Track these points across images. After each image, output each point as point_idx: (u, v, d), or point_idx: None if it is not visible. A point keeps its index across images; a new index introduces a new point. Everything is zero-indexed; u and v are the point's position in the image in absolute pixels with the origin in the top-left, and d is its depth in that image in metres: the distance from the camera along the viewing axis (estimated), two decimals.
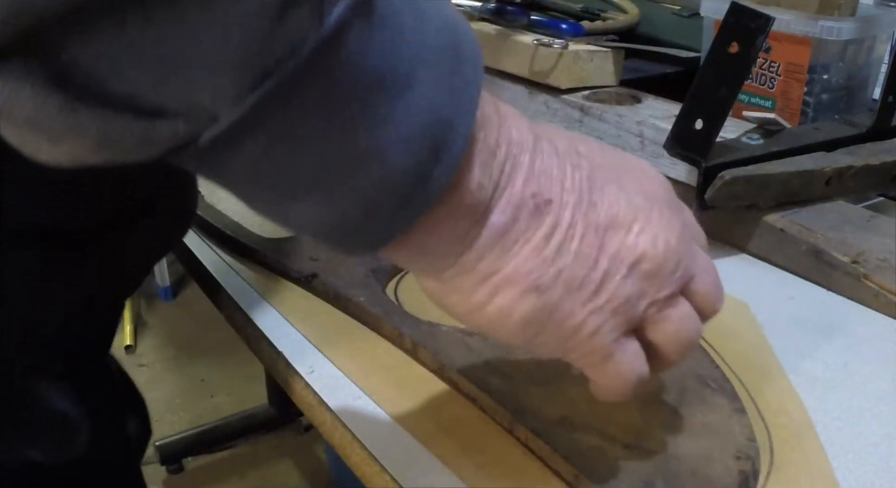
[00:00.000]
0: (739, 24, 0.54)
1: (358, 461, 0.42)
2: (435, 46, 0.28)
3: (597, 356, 0.33)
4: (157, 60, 0.22)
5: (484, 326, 0.33)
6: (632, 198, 0.33)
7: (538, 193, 0.31)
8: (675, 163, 0.65)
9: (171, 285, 2.27)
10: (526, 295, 0.31)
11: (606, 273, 0.32)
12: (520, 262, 0.31)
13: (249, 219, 0.66)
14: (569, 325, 0.32)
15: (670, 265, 0.33)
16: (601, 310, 0.32)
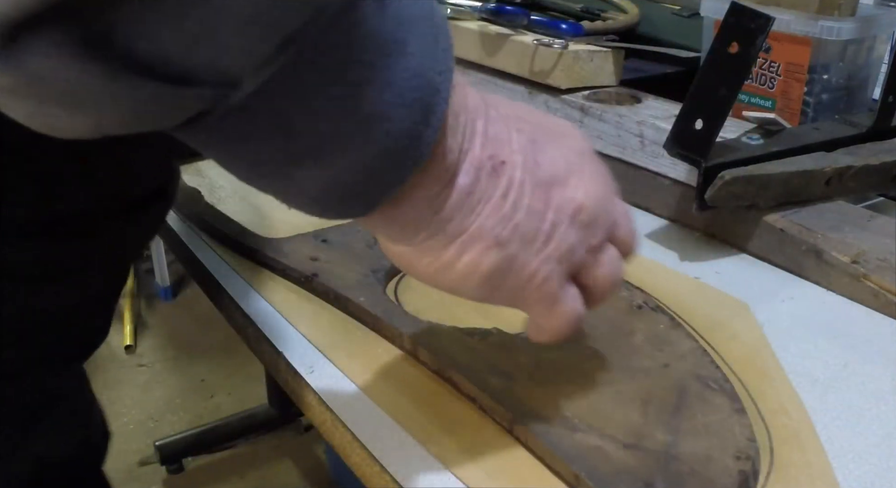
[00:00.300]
0: (739, 24, 0.54)
1: (358, 461, 0.42)
2: (419, 14, 0.29)
3: (547, 301, 0.37)
4: (191, 25, 0.23)
5: (451, 283, 0.35)
6: (567, 156, 0.37)
7: (494, 156, 0.34)
8: (675, 163, 0.65)
9: (171, 285, 2.27)
10: (489, 250, 0.34)
11: (553, 225, 0.35)
12: (483, 221, 0.34)
13: (249, 219, 0.66)
14: (525, 275, 0.35)
15: (602, 214, 0.38)
16: (550, 258, 0.36)
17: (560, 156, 0.36)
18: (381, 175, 0.30)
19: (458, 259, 0.34)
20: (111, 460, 0.59)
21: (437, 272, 0.35)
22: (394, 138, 0.29)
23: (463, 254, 0.34)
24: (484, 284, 0.35)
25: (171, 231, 0.67)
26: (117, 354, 2.05)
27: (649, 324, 0.50)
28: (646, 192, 0.70)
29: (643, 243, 0.64)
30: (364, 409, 0.45)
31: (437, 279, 0.36)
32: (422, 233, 0.34)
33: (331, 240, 0.60)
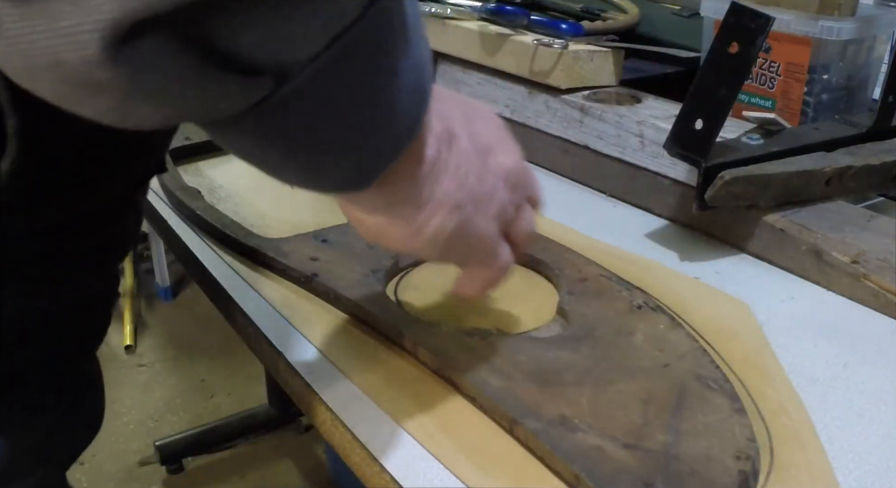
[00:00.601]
0: (739, 24, 0.54)
1: (358, 461, 0.42)
2: (413, 7, 0.33)
3: (489, 255, 0.42)
4: (269, 26, 0.25)
5: (419, 246, 0.40)
6: (491, 129, 0.42)
7: (447, 129, 0.39)
8: (675, 163, 0.66)
9: (171, 285, 2.27)
10: (452, 213, 0.39)
11: (493, 187, 0.41)
12: (444, 188, 0.38)
13: (249, 220, 0.66)
14: (477, 234, 0.41)
15: (523, 176, 0.44)
16: (492, 216, 0.41)
17: (488, 129, 0.42)
18: (387, 153, 0.34)
19: (428, 224, 0.38)
20: (111, 460, 0.59)
21: (409, 237, 0.39)
22: (402, 122, 0.34)
23: (431, 219, 0.38)
24: (446, 245, 0.40)
25: (171, 231, 0.67)
26: (117, 354, 2.05)
27: (649, 324, 0.50)
28: (646, 192, 0.70)
29: (643, 243, 0.64)
30: (364, 409, 0.45)
31: (409, 243, 0.40)
32: (400, 201, 0.38)
33: (331, 240, 0.60)
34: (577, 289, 0.54)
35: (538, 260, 0.58)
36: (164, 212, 0.69)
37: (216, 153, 0.81)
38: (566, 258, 0.58)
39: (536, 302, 0.55)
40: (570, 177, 0.77)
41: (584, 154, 0.75)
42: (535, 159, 0.81)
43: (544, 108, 0.78)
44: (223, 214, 0.66)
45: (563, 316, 0.52)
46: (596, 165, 0.74)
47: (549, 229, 0.63)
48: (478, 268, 0.43)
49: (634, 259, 0.60)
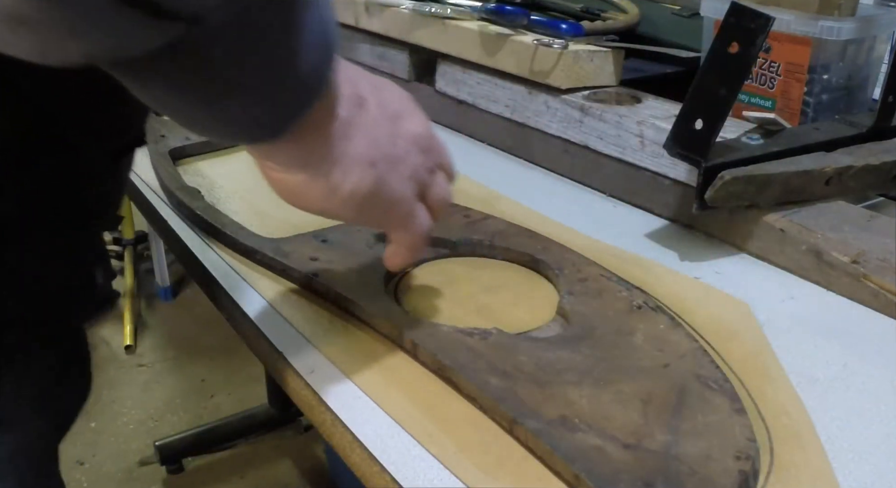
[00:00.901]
0: (739, 24, 0.54)
1: (358, 461, 0.42)
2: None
3: (407, 217, 0.45)
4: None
5: (337, 205, 0.42)
6: (399, 99, 0.45)
7: (357, 93, 0.42)
8: (675, 163, 0.66)
9: (171, 285, 2.27)
10: (367, 170, 0.42)
11: (405, 149, 0.44)
12: (358, 146, 0.41)
13: (249, 220, 0.66)
14: (391, 193, 0.43)
15: (433, 142, 0.46)
16: (406, 178, 0.44)
17: (395, 98, 0.45)
18: (295, 104, 0.37)
19: (345, 180, 0.41)
20: (111, 460, 0.59)
21: (324, 197, 0.41)
22: (308, 73, 0.36)
23: (348, 176, 0.41)
24: (363, 204, 0.42)
25: (171, 231, 0.67)
26: (117, 354, 2.05)
27: (649, 324, 0.50)
28: (646, 192, 0.70)
29: (643, 243, 0.64)
30: (364, 409, 0.45)
31: (324, 203, 0.42)
32: (316, 157, 0.40)
33: (331, 240, 0.60)
34: (577, 289, 0.54)
35: (538, 260, 0.58)
36: (164, 212, 0.69)
37: (216, 153, 0.81)
38: (566, 258, 0.58)
39: (536, 302, 0.55)
40: (570, 177, 0.77)
41: (584, 154, 0.75)
42: (535, 159, 0.81)
43: (544, 108, 0.78)
44: (223, 214, 0.66)
45: (563, 316, 0.52)
46: (596, 165, 0.74)
47: (550, 229, 0.63)
48: (398, 232, 0.46)
49: (634, 259, 0.60)
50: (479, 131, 0.88)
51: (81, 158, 0.45)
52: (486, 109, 0.86)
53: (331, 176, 0.41)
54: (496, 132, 0.85)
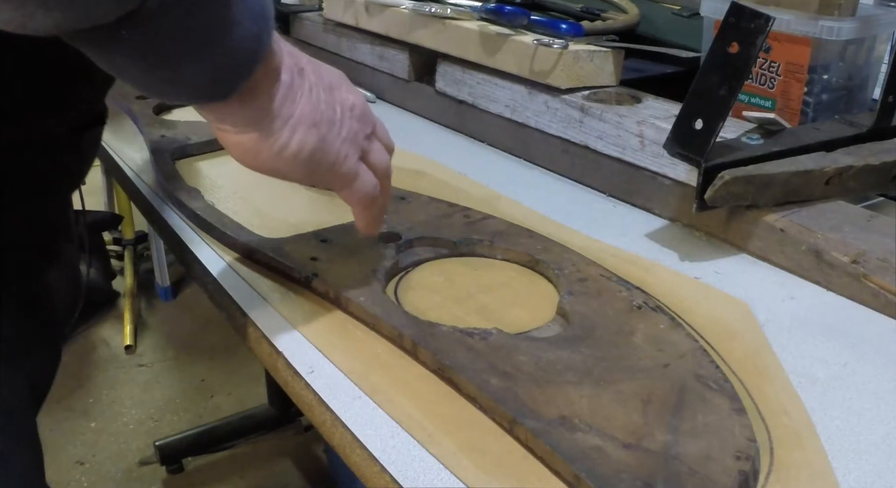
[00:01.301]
0: (739, 24, 0.54)
1: (358, 461, 0.42)
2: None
3: (350, 176, 0.50)
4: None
5: (286, 162, 0.47)
6: (333, 74, 0.51)
7: (297, 63, 0.47)
8: (675, 163, 0.66)
9: (171, 285, 2.27)
10: (310, 130, 0.47)
11: (342, 114, 0.49)
12: (302, 107, 0.46)
13: (249, 219, 0.66)
14: (334, 152, 0.48)
15: (367, 112, 0.52)
16: (345, 140, 0.49)
17: (331, 72, 0.51)
18: (238, 67, 0.42)
19: (291, 138, 0.46)
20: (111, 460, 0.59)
21: (277, 154, 0.46)
22: (248, 38, 0.41)
23: (294, 134, 0.46)
24: (309, 162, 0.47)
25: (171, 231, 0.67)
26: (117, 354, 2.05)
27: (649, 324, 0.50)
28: (646, 192, 0.70)
29: (643, 243, 0.64)
30: (364, 409, 0.45)
31: (273, 161, 0.47)
32: (264, 117, 0.45)
33: (331, 240, 0.60)
34: (577, 289, 0.54)
35: (538, 260, 0.58)
36: (164, 212, 0.69)
37: (216, 153, 0.81)
38: (566, 258, 0.58)
39: (536, 302, 0.55)
40: (570, 177, 0.77)
41: (584, 154, 0.75)
42: (535, 159, 0.81)
43: (544, 107, 0.78)
44: (223, 214, 0.66)
45: (563, 316, 0.52)
46: (596, 165, 0.74)
47: (550, 229, 0.63)
48: (347, 191, 0.51)
49: (634, 259, 0.60)
50: (479, 131, 0.88)
51: (34, 130, 0.50)
52: (486, 109, 0.86)
53: (280, 134, 0.46)
54: (496, 132, 0.85)
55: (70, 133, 0.54)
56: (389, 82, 1.00)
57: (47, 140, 0.52)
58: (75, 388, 1.90)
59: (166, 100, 0.47)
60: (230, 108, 0.44)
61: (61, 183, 0.56)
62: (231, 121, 0.45)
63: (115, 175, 0.82)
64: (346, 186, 0.51)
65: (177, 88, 0.41)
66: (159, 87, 0.41)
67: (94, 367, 2.01)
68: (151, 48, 0.38)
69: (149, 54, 0.38)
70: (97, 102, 0.58)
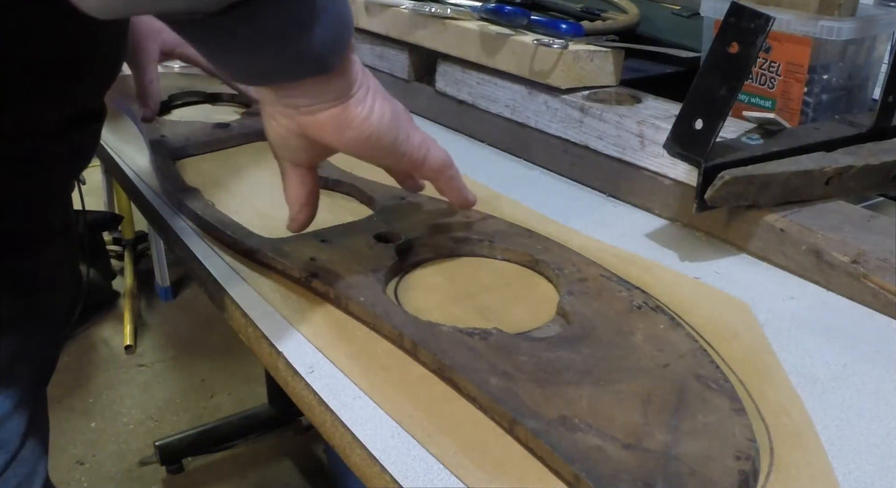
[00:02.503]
0: (739, 24, 0.54)
1: (358, 461, 0.42)
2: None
3: (425, 145, 0.54)
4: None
5: (374, 129, 0.50)
6: None
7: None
8: (675, 163, 0.66)
9: (171, 285, 2.28)
10: (385, 101, 0.51)
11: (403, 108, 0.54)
12: (372, 80, 0.51)
13: (249, 219, 0.66)
14: (406, 121, 0.53)
15: None
16: (405, 116, 0.54)
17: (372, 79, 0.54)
18: (346, 31, 0.47)
19: (374, 105, 0.50)
20: (111, 460, 0.60)
21: (364, 120, 0.49)
22: (342, 12, 0.46)
23: (374, 101, 0.50)
24: (391, 128, 0.51)
25: (171, 231, 0.67)
26: (117, 354, 2.05)
27: (649, 324, 0.50)
28: (646, 192, 0.70)
29: (643, 243, 0.64)
30: (364, 409, 0.45)
31: (365, 128, 0.50)
32: (352, 85, 0.49)
33: (331, 239, 0.60)
34: (577, 289, 0.54)
35: (538, 260, 0.58)
36: (164, 212, 0.69)
37: (216, 153, 0.81)
38: (566, 258, 0.58)
39: (536, 302, 0.55)
40: (570, 177, 0.77)
41: (584, 154, 0.75)
42: (535, 159, 0.81)
43: (544, 107, 0.78)
44: (223, 214, 0.66)
45: (563, 316, 0.52)
46: (596, 165, 0.74)
47: (550, 229, 0.63)
48: (429, 163, 0.54)
49: (634, 259, 0.60)
50: (479, 131, 0.88)
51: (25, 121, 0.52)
52: (486, 109, 0.86)
53: (365, 101, 0.49)
54: (496, 132, 0.85)
55: (63, 127, 0.55)
56: (389, 82, 1.00)
57: (38, 132, 0.53)
58: (75, 388, 1.90)
59: (278, 80, 0.48)
60: (333, 79, 0.48)
61: (52, 175, 0.57)
62: (326, 95, 0.48)
63: (115, 175, 0.82)
64: (424, 156, 0.54)
65: (300, 63, 0.45)
66: (283, 66, 0.45)
67: (94, 367, 2.01)
68: (276, 23, 0.42)
69: (274, 30, 0.42)
70: (93, 100, 0.58)
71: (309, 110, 0.49)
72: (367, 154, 0.53)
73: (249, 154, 0.82)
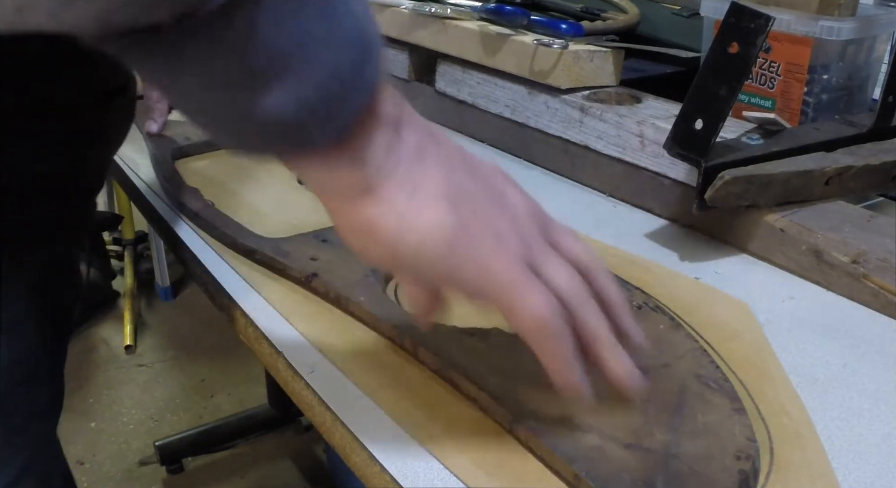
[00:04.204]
0: (739, 24, 0.54)
1: (358, 461, 0.42)
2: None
3: (510, 286, 0.36)
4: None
5: (415, 245, 0.35)
6: (484, 161, 0.39)
7: (427, 127, 0.37)
8: (675, 163, 0.66)
9: (171, 285, 2.27)
10: (446, 204, 0.35)
11: (494, 201, 0.37)
12: (433, 174, 0.35)
13: (249, 219, 0.66)
14: (483, 246, 0.35)
15: (540, 211, 0.39)
16: (499, 235, 0.36)
17: (479, 158, 0.39)
18: (335, 101, 0.32)
19: (421, 213, 0.35)
20: (111, 460, 0.60)
21: (405, 231, 0.35)
22: (342, 65, 0.31)
23: (424, 208, 0.35)
24: (449, 252, 0.35)
25: (171, 231, 0.67)
26: (117, 354, 2.05)
27: (649, 324, 0.50)
28: (646, 192, 0.70)
29: (643, 243, 0.64)
30: (364, 409, 0.45)
31: (405, 240, 0.35)
32: (381, 173, 0.34)
33: (331, 240, 0.60)
34: None
35: None
36: (164, 212, 0.69)
37: (216, 153, 0.81)
38: None
39: None
40: (570, 177, 0.77)
41: (584, 154, 0.75)
42: (535, 159, 0.81)
43: (544, 107, 0.78)
44: (223, 214, 0.66)
45: None
46: (596, 165, 0.74)
47: None
48: (511, 312, 0.36)
49: (634, 259, 0.60)
50: (479, 131, 0.88)
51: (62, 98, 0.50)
52: (486, 109, 0.86)
53: (407, 209, 0.35)
54: (496, 132, 0.85)
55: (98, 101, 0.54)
56: None
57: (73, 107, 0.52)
58: (75, 388, 1.90)
59: (240, 148, 0.34)
60: (330, 160, 0.34)
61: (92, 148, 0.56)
62: (331, 183, 0.35)
63: (115, 175, 0.82)
64: (506, 302, 0.36)
65: (251, 123, 0.31)
66: (230, 122, 0.32)
67: (94, 367, 2.00)
68: (206, 67, 0.29)
69: (203, 74, 0.29)
70: (122, 76, 0.56)
71: (328, 206, 0.36)
72: (412, 278, 0.39)
73: None
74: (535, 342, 0.37)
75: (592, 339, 0.37)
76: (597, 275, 0.39)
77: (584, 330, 0.37)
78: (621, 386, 0.38)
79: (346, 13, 0.31)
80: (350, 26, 0.31)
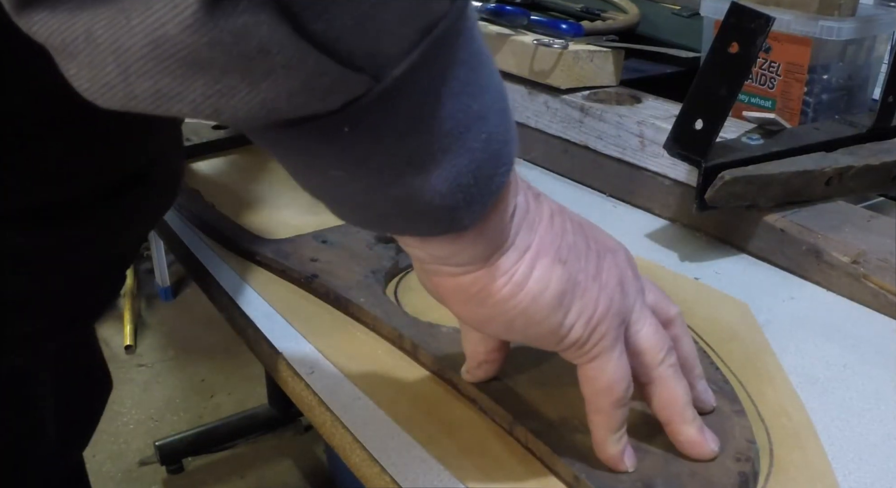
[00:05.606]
0: (739, 24, 0.54)
1: (358, 462, 0.42)
2: None
3: (608, 345, 0.36)
4: (362, 8, 0.25)
5: (523, 307, 0.35)
6: (586, 221, 0.40)
7: (530, 187, 0.37)
8: (675, 163, 0.66)
9: (171, 285, 2.27)
10: (555, 265, 0.35)
11: (598, 254, 0.37)
12: (542, 236, 0.35)
13: (249, 220, 0.66)
14: (587, 298, 0.36)
15: (635, 266, 0.39)
16: (606, 288, 0.36)
17: (581, 218, 0.39)
18: (484, 180, 0.31)
19: (530, 274, 0.35)
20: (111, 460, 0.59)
21: (513, 294, 0.35)
22: (494, 138, 0.31)
23: (533, 268, 0.35)
24: (556, 306, 0.35)
25: (171, 231, 0.67)
26: (117, 354, 2.05)
27: None
28: (646, 192, 0.70)
29: (643, 243, 0.64)
30: (364, 410, 0.45)
31: (510, 304, 0.35)
32: (501, 246, 0.34)
33: (331, 240, 0.60)
34: None
35: None
36: None
37: (216, 153, 0.81)
38: None
39: None
40: (570, 177, 0.77)
41: (584, 154, 0.75)
42: (535, 159, 0.81)
43: (544, 108, 0.78)
44: (223, 214, 0.66)
45: None
46: (596, 165, 0.74)
47: None
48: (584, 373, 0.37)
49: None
50: None
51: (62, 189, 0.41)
52: None
53: (515, 272, 0.34)
54: None
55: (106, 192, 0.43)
56: None
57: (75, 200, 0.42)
58: None
59: (373, 227, 0.34)
60: (464, 239, 0.33)
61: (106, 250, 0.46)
62: (455, 258, 0.34)
63: None
64: (585, 363, 0.37)
65: (397, 208, 0.30)
66: (370, 206, 0.31)
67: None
68: (368, 151, 0.28)
69: (375, 154, 0.28)
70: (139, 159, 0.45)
71: (432, 270, 0.35)
72: (504, 336, 0.39)
73: (250, 155, 0.82)
74: (595, 408, 0.38)
75: (668, 403, 0.39)
76: (681, 336, 0.41)
77: (663, 390, 0.39)
78: (692, 454, 0.39)
79: (495, 82, 0.31)
80: (497, 94, 0.31)
